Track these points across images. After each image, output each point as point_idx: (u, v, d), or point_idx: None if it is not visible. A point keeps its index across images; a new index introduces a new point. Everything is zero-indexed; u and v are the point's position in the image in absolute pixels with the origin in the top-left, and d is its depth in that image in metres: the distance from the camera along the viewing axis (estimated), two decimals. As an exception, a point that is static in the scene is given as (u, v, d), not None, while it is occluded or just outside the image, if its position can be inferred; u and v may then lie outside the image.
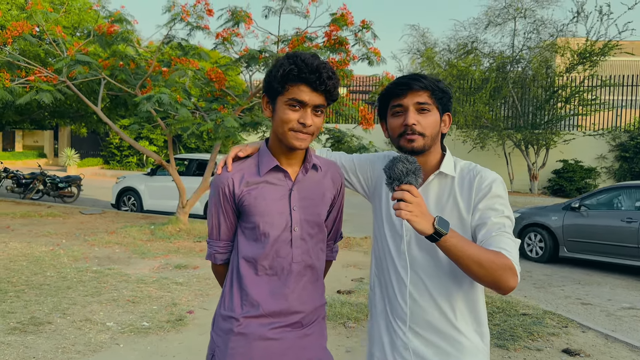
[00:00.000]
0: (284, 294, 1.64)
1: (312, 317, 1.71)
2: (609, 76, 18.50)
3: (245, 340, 1.63)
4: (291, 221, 1.64)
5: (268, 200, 1.63)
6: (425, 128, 1.57)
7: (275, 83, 1.56)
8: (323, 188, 1.72)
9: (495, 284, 1.42)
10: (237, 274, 1.67)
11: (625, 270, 7.77)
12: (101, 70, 9.03)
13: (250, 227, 1.65)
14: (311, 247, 1.68)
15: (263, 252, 1.63)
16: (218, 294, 5.50)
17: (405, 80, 1.59)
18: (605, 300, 6.31)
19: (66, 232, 8.80)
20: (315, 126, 1.59)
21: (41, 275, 5.91)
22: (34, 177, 13.79)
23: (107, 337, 4.19)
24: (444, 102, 1.62)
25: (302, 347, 1.68)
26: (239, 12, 8.53)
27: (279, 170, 1.65)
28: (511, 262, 1.42)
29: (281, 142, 1.61)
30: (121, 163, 26.10)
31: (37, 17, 8.57)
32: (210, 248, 1.74)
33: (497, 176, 1.59)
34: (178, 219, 9.38)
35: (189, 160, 12.17)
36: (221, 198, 1.66)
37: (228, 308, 1.68)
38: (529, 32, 17.91)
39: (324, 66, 1.54)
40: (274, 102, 1.60)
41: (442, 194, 1.62)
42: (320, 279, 1.76)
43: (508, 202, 1.57)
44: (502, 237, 1.47)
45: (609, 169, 18.50)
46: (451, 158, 1.66)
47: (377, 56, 8.64)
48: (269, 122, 8.47)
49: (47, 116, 13.48)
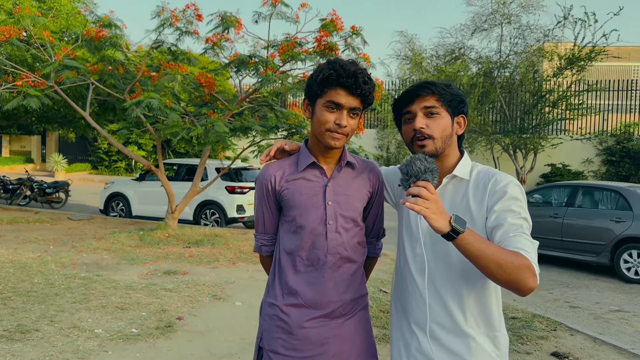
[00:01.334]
0: (321, 284, 1.75)
1: (351, 307, 1.81)
2: (595, 81, 18.72)
3: (287, 326, 1.75)
4: (325, 215, 1.75)
5: (304, 195, 1.76)
6: (434, 131, 1.60)
7: (315, 86, 1.70)
8: (358, 185, 1.82)
9: (514, 284, 1.39)
10: (278, 265, 1.81)
11: (613, 274, 7.85)
12: (90, 75, 8.97)
13: (289, 220, 1.78)
14: (346, 240, 1.78)
15: (300, 244, 1.75)
16: (207, 301, 5.50)
17: (413, 87, 1.65)
18: (593, 303, 6.37)
19: (54, 238, 8.72)
20: (350, 127, 1.70)
21: (28, 282, 5.85)
22: (21, 182, 13.65)
23: (96, 344, 4.15)
24: (455, 105, 1.64)
25: (342, 337, 1.77)
26: (228, 17, 8.52)
27: (315, 167, 1.78)
28: (530, 262, 1.40)
29: (319, 141, 1.74)
30: (109, 168, 25.92)
31: (25, 22, 8.50)
32: (257, 241, 1.88)
33: (513, 179, 1.58)
34: (167, 224, 9.33)
35: (178, 165, 12.12)
36: (264, 193, 1.81)
37: (272, 296, 1.81)
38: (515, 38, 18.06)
39: (360, 72, 1.67)
40: (314, 105, 1.75)
41: (456, 198, 1.63)
42: (360, 271, 1.85)
43: (525, 205, 1.55)
44: (519, 238, 1.46)
45: (596, 172, 18.71)
46: (468, 162, 1.67)
47: (367, 62, 8.67)
48: (258, 126, 8.46)
49: (35, 121, 13.36)
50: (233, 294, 5.74)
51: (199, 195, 10.42)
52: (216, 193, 10.77)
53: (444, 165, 1.65)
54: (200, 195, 10.48)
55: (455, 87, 1.66)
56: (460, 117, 1.66)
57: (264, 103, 9.27)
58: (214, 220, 10.98)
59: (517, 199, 1.53)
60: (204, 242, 8.54)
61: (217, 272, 6.73)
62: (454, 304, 1.58)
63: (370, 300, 5.56)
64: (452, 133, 1.64)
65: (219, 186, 10.65)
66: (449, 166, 1.65)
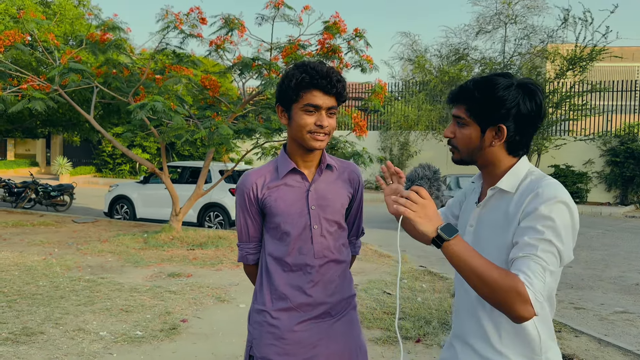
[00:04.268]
0: (310, 287, 1.76)
1: (341, 308, 1.83)
2: (599, 81, 18.68)
3: (277, 331, 1.75)
4: (310, 220, 1.76)
5: (287, 201, 1.76)
6: (458, 141, 1.51)
7: (290, 92, 1.69)
8: (339, 187, 1.83)
9: (500, 307, 1.30)
10: (266, 270, 1.81)
11: (618, 275, 7.82)
12: (94, 78, 9.02)
13: (273, 227, 1.79)
14: (332, 243, 1.79)
15: (287, 250, 1.76)
16: (211, 303, 5.51)
17: (450, 93, 1.55)
18: (598, 304, 6.35)
19: (59, 241, 8.75)
20: (330, 126, 1.71)
21: (33, 285, 5.87)
22: (26, 185, 13.70)
23: (101, 346, 4.16)
24: (486, 115, 1.45)
25: (333, 338, 1.79)
26: (232, 20, 8.56)
27: (296, 173, 1.78)
28: (522, 287, 1.26)
29: (300, 145, 1.74)
30: (114, 171, 25.99)
31: (29, 26, 8.55)
32: (242, 250, 1.87)
33: (559, 195, 1.36)
34: (171, 227, 9.36)
35: (182, 167, 12.15)
36: (246, 201, 1.81)
37: (260, 302, 1.81)
38: (519, 39, 18.05)
39: (332, 71, 1.69)
40: (289, 110, 1.73)
41: (497, 212, 1.48)
42: (347, 272, 1.87)
43: (562, 229, 1.33)
44: (527, 260, 1.30)
45: (599, 173, 18.65)
46: (519, 172, 1.48)
47: (370, 64, 8.69)
48: (262, 128, 8.48)
49: (40, 125, 13.42)
50: (237, 296, 5.75)
51: (203, 198, 10.44)
52: (220, 195, 10.80)
53: (490, 176, 1.52)
54: (204, 198, 10.51)
55: (497, 90, 1.43)
56: (496, 127, 1.45)
57: (267, 105, 9.29)
58: (218, 222, 11.00)
59: (548, 218, 1.33)
60: (208, 245, 8.56)
61: (221, 275, 6.75)
62: (489, 321, 1.47)
63: (374, 302, 5.56)
64: (483, 145, 1.47)
65: (222, 188, 10.67)
66: (496, 177, 1.50)
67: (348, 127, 9.26)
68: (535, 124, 1.47)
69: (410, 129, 20.75)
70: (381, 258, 8.03)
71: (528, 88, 1.44)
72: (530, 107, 1.43)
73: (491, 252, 1.42)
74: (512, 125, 1.44)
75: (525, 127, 1.45)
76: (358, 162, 8.64)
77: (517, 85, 1.44)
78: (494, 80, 1.45)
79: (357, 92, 24.02)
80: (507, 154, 1.49)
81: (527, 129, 1.46)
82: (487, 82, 1.45)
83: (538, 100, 1.44)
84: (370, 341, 4.38)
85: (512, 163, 1.49)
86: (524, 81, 1.46)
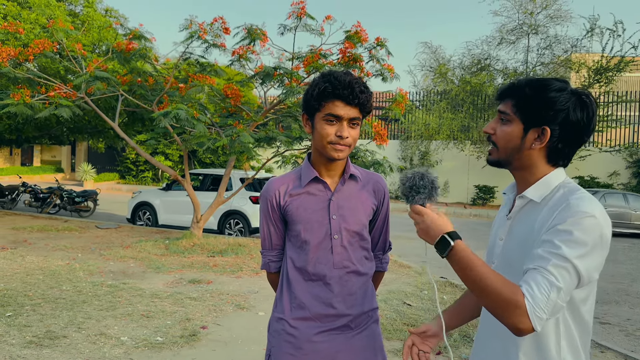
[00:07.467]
0: (329, 298, 1.74)
1: (362, 321, 1.79)
2: (625, 92, 18.35)
3: (295, 341, 1.73)
4: (330, 229, 1.74)
5: (308, 209, 1.76)
6: (498, 139, 1.44)
7: (312, 101, 1.69)
8: (362, 197, 1.81)
9: (499, 318, 1.25)
10: (286, 279, 1.80)
11: (645, 289, 7.62)
12: (119, 86, 9.19)
13: (294, 235, 1.78)
14: (352, 253, 1.77)
15: (307, 259, 1.75)
16: (231, 311, 5.53)
17: (503, 86, 1.48)
18: (624, 319, 6.19)
19: (82, 246, 8.89)
20: (352, 138, 1.69)
21: (57, 289, 5.97)
22: (51, 191, 14.00)
23: (122, 351, 4.20)
24: (532, 113, 1.37)
25: (352, 351, 1.76)
26: (254, 30, 8.64)
27: (318, 182, 1.77)
28: (521, 298, 1.20)
29: (321, 154, 1.73)
30: (137, 178, 26.38)
31: (58, 35, 8.76)
32: (265, 257, 1.87)
33: (589, 210, 1.26)
34: (192, 233, 9.44)
35: (203, 175, 12.27)
36: (269, 208, 1.81)
37: (279, 310, 1.80)
38: (542, 49, 17.86)
39: (356, 81, 1.66)
40: (313, 119, 1.73)
41: (526, 226, 1.40)
42: (368, 284, 1.84)
43: (585, 246, 1.24)
44: (535, 273, 1.24)
45: (626, 185, 18.27)
46: (551, 182, 1.40)
47: (391, 72, 8.67)
48: (283, 137, 8.52)
49: (66, 132, 13.71)
50: (256, 304, 5.76)
51: (224, 205, 10.52)
52: (240, 203, 10.87)
53: (523, 183, 1.45)
54: (224, 205, 10.58)
55: (550, 90, 1.36)
56: (540, 128, 1.37)
57: (288, 114, 9.35)
58: (238, 229, 11.06)
59: (569, 233, 1.24)
60: (228, 252, 8.60)
61: (240, 282, 6.77)
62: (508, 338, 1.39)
63: (394, 313, 5.51)
64: (523, 146, 1.39)
65: (243, 196, 10.74)
66: (528, 184, 1.43)
67: (369, 135, 9.25)
68: (581, 136, 1.38)
69: (431, 138, 20.63)
70: (401, 268, 7.97)
71: (582, 98, 1.37)
72: (580, 116, 1.35)
73: (518, 268, 1.35)
74: (557, 130, 1.36)
75: (571, 136, 1.37)
76: (378, 170, 8.61)
77: (572, 92, 1.37)
78: (548, 81, 1.39)
79: (378, 101, 24.00)
80: (546, 161, 1.41)
81: (572, 139, 1.38)
82: (541, 81, 1.39)
83: (590, 113, 1.36)
84: (390, 352, 4.34)
85: (548, 172, 1.41)
86: (579, 91, 1.39)
